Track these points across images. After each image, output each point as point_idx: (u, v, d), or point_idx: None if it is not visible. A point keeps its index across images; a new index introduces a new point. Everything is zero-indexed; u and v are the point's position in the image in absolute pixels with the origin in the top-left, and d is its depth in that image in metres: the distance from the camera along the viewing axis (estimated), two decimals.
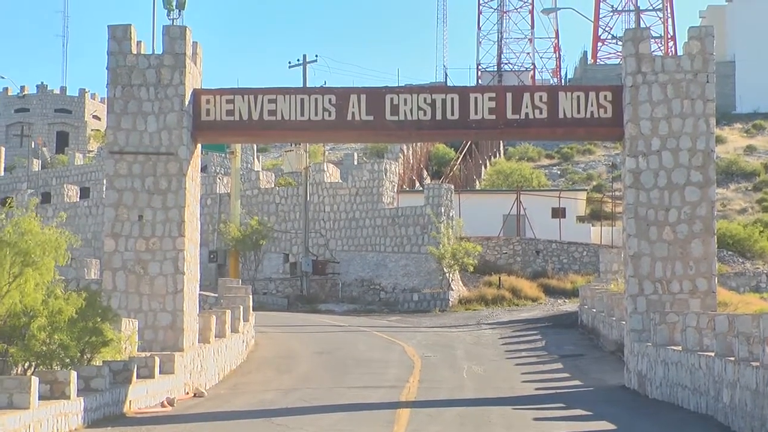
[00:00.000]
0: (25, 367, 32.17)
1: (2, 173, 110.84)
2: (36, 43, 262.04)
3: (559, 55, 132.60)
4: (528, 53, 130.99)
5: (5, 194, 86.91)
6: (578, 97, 42.95)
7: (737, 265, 72.67)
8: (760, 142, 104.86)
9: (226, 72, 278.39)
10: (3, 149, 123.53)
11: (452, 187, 78.62)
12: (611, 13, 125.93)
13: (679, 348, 34.37)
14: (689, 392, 32.16)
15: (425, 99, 43.32)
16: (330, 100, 43.25)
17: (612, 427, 28.23)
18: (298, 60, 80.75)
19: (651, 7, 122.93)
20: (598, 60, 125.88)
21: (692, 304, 38.37)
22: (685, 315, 35.23)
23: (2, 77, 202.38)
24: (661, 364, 36.25)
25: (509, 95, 43.78)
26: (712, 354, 29.99)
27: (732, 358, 27.61)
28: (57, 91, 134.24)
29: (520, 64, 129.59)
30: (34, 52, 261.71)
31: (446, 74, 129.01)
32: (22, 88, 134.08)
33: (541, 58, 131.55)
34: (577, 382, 41.60)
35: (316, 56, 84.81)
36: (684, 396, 32.67)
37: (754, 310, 38.74)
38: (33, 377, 27.46)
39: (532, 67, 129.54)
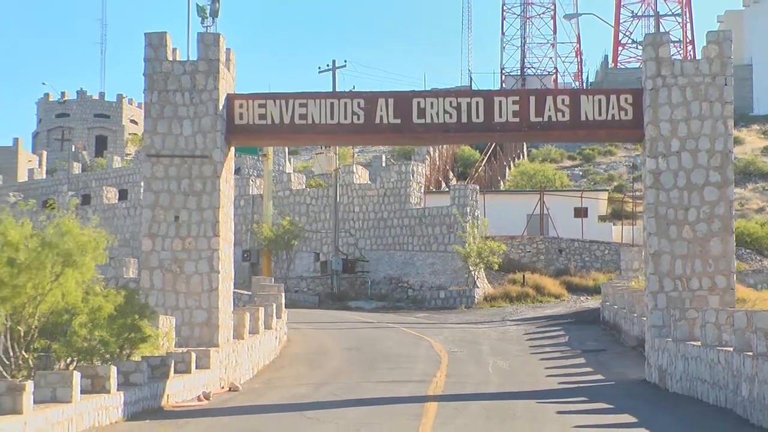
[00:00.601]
0: (68, 362, 32.25)
1: (44, 176, 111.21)
2: (75, 50, 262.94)
3: (581, 59, 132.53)
4: (550, 57, 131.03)
5: (47, 196, 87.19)
6: (599, 100, 42.91)
7: (755, 262, 72.52)
8: None
9: (258, 77, 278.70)
10: (45, 153, 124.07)
11: (477, 187, 78.55)
12: (631, 18, 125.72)
13: (699, 343, 34.31)
14: (708, 386, 32.08)
15: (451, 103, 43.30)
16: (359, 104, 43.25)
17: (633, 420, 28.14)
18: (328, 65, 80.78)
19: (670, 12, 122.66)
20: (618, 64, 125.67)
21: (711, 301, 38.26)
22: (705, 311, 35.19)
23: (43, 83, 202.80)
24: (681, 358, 36.18)
25: (532, 99, 43.74)
26: (731, 349, 29.92)
27: (750, 353, 27.54)
28: (96, 97, 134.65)
29: (542, 68, 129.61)
30: (74, 60, 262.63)
31: (471, 78, 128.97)
32: (63, 94, 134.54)
33: (563, 62, 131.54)
34: (599, 377, 41.53)
35: (345, 62, 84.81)
36: (703, 390, 32.59)
37: None
38: (75, 372, 27.57)
39: (554, 71, 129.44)
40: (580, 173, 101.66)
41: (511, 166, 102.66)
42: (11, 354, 31.15)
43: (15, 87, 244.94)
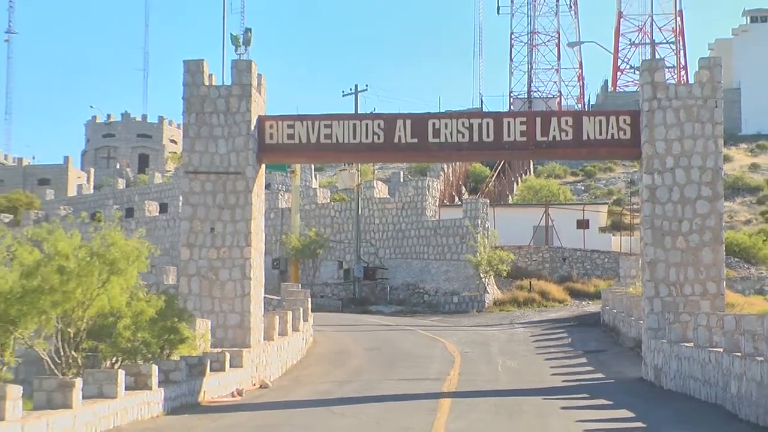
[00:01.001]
0: (113, 361, 32.31)
1: (92, 191, 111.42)
2: (120, 76, 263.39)
3: (583, 83, 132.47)
4: (555, 82, 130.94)
5: (94, 209, 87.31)
6: (600, 121, 42.96)
7: (743, 270, 72.44)
8: (763, 160, 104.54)
9: (286, 99, 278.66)
10: (92, 170, 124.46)
11: (488, 201, 78.56)
12: (629, 46, 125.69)
13: (691, 344, 34.31)
14: (700, 384, 32.07)
15: (463, 123, 43.37)
16: (379, 125, 43.33)
17: (631, 414, 28.14)
18: (351, 90, 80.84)
19: (665, 40, 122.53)
20: (617, 88, 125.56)
21: (703, 306, 38.28)
22: (697, 315, 35.25)
23: (91, 107, 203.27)
24: (675, 358, 36.17)
25: (538, 120, 43.80)
26: (721, 350, 29.93)
27: (739, 354, 27.55)
28: (139, 119, 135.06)
29: (547, 92, 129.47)
30: (119, 85, 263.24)
31: (482, 101, 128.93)
32: (108, 116, 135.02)
33: (566, 86, 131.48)
34: (599, 375, 41.49)
35: (366, 86, 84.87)
36: (696, 387, 32.57)
37: (758, 310, 38.61)
38: (120, 370, 27.67)
39: (558, 94, 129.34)
40: (582, 188, 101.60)
41: (519, 181, 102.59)
42: (62, 353, 31.23)
43: (65, 109, 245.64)
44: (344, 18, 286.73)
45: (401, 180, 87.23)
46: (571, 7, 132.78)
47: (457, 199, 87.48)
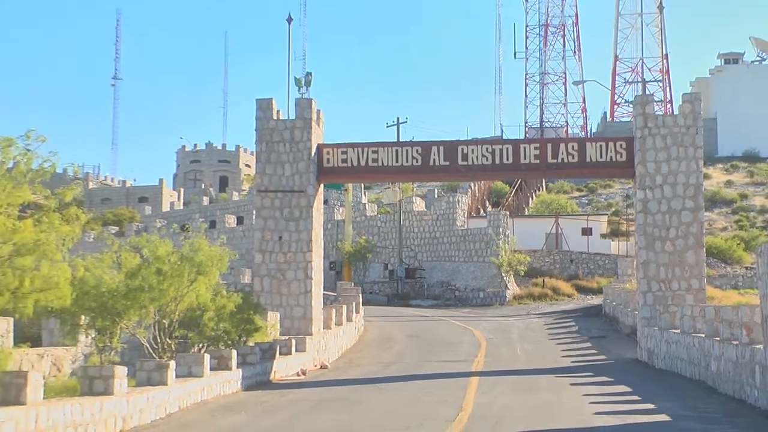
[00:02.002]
0: (200, 347, 32.38)
1: (182, 207, 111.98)
2: (204, 112, 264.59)
3: (586, 115, 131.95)
4: (562, 114, 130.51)
5: (184, 222, 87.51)
6: (600, 146, 42.94)
7: (721, 269, 72.11)
8: (736, 177, 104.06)
9: (341, 128, 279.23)
10: (182, 190, 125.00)
11: (507, 213, 78.42)
12: (624, 84, 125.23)
13: (678, 331, 34.28)
14: (686, 363, 31.97)
15: (487, 149, 43.41)
16: (417, 150, 43.38)
17: (628, 389, 27.98)
18: (394, 121, 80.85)
19: (654, 79, 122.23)
20: (614, 118, 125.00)
21: (687, 299, 38.09)
22: (682, 307, 35.29)
23: (180, 138, 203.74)
24: (665, 342, 36.10)
25: (549, 145, 43.81)
26: (703, 335, 29.89)
27: (718, 339, 27.52)
28: (219, 147, 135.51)
29: (556, 122, 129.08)
30: (203, 119, 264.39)
31: (502, 130, 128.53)
32: (195, 145, 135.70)
33: (572, 117, 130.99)
34: (602, 357, 41.29)
35: (406, 118, 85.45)
36: (682, 366, 32.46)
37: (733, 302, 38.38)
38: (205, 354, 27.79)
39: (565, 124, 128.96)
40: (586, 201, 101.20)
41: (533, 196, 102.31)
42: (158, 340, 31.32)
43: (160, 140, 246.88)
44: (389, 61, 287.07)
45: (436, 196, 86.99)
46: (575, 52, 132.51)
47: (482, 211, 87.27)
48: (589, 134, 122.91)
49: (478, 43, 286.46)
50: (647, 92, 77.72)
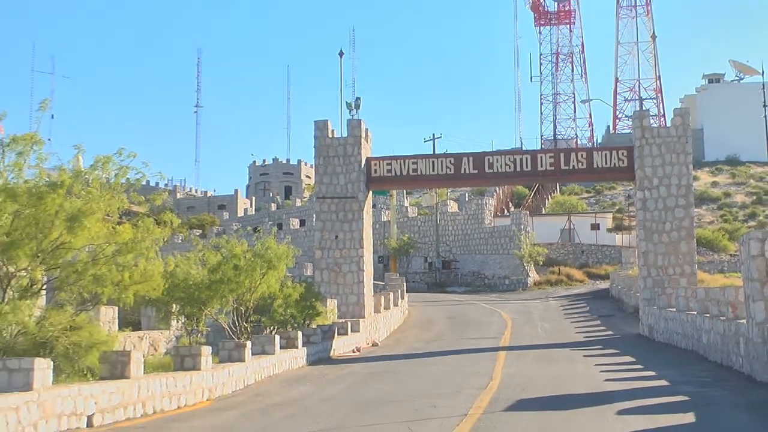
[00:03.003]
0: (271, 329, 32.47)
1: (254, 212, 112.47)
2: (271, 132, 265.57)
3: (592, 128, 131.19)
4: (572, 128, 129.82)
5: (255, 225, 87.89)
6: (605, 154, 42.88)
7: (709, 256, 71.67)
8: (720, 179, 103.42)
9: (386, 143, 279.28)
10: (254, 198, 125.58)
11: (527, 212, 78.20)
12: (624, 102, 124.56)
13: (674, 309, 34.13)
14: (681, 337, 31.80)
15: (509, 158, 43.41)
16: (450, 161, 43.41)
17: (632, 359, 27.90)
18: (430, 137, 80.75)
19: (649, 97, 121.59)
20: (617, 131, 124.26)
21: (681, 282, 37.99)
22: (677, 289, 35.27)
23: (252, 154, 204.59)
24: (663, 319, 35.91)
25: (562, 155, 43.76)
26: (695, 313, 29.73)
27: (708, 315, 27.41)
28: (284, 162, 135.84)
29: (567, 135, 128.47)
30: (270, 138, 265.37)
31: (521, 142, 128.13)
32: (264, 160, 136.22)
33: (580, 130, 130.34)
34: (609, 332, 41.10)
35: (441, 134, 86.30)
36: (678, 339, 32.28)
37: (720, 284, 38.17)
38: (276, 335, 27.92)
39: (575, 136, 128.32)
40: (594, 201, 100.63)
41: (549, 198, 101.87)
42: (236, 324, 31.45)
43: (234, 156, 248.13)
44: (425, 86, 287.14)
45: (467, 199, 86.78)
46: (582, 75, 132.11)
47: (506, 211, 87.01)
48: (595, 145, 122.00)
49: (500, 70, 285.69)
50: (644, 108, 77.22)
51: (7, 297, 18.40)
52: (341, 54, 60.86)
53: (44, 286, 20.12)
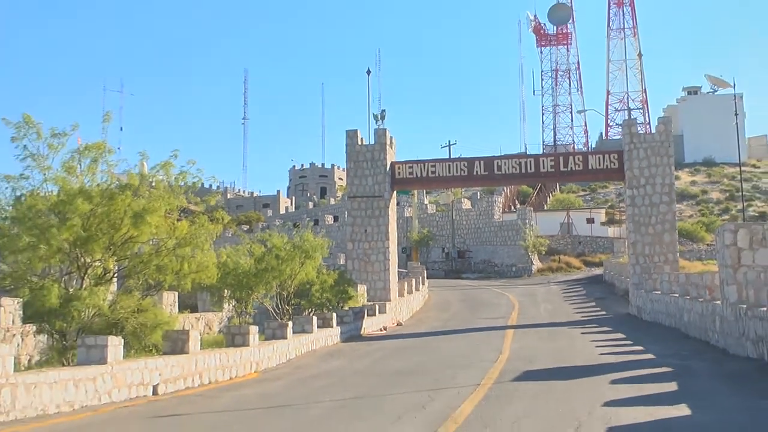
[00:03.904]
0: (309, 311, 32.62)
1: (294, 210, 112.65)
2: (308, 140, 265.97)
3: (587, 135, 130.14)
4: (570, 135, 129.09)
5: (295, 221, 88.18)
6: (599, 157, 42.80)
7: (689, 245, 71.19)
8: (698, 178, 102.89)
9: (408, 149, 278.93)
10: (294, 198, 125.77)
11: (532, 208, 78.11)
12: (615, 111, 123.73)
13: (659, 292, 34.00)
14: (665, 316, 31.68)
15: (515, 162, 43.35)
16: (464, 164, 43.37)
17: (623, 336, 27.79)
18: (447, 143, 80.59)
19: (636, 107, 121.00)
20: (609, 137, 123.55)
21: (665, 268, 37.76)
22: (662, 274, 35.09)
23: (291, 160, 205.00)
24: (649, 301, 35.78)
25: (561, 158, 43.65)
26: (677, 295, 29.65)
27: (688, 297, 27.39)
28: (320, 166, 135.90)
29: (565, 141, 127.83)
30: (308, 145, 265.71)
31: (526, 147, 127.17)
32: (302, 165, 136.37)
33: (577, 137, 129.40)
34: (603, 312, 40.97)
35: (456, 141, 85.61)
36: (662, 318, 32.16)
37: (698, 270, 37.95)
38: (313, 316, 28.00)
39: (572, 142, 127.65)
40: (590, 198, 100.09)
41: (550, 196, 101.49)
42: (279, 307, 31.63)
43: (276, 161, 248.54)
44: (442, 98, 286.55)
45: (478, 197, 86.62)
46: (578, 89, 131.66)
47: (512, 207, 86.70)
48: (589, 149, 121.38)
49: (507, 85, 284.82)
50: (632, 117, 77.05)
51: (84, 284, 18.60)
52: (369, 72, 60.98)
53: (115, 275, 20.33)
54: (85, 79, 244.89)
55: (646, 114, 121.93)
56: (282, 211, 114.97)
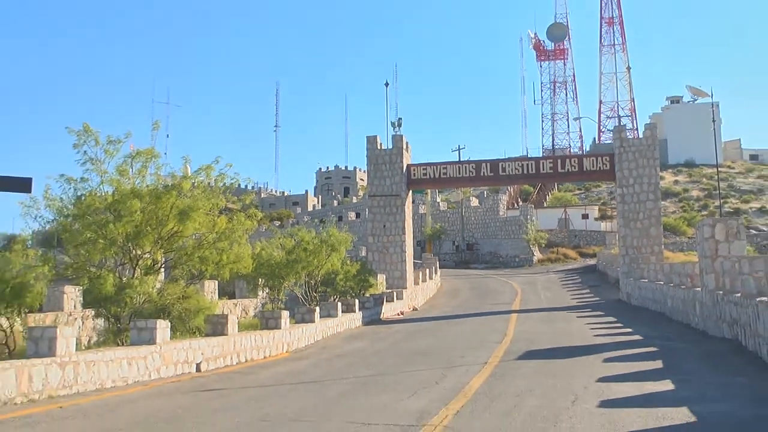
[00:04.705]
0: (334, 297, 32.70)
1: (320, 207, 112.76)
2: (332, 144, 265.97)
3: (582, 140, 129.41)
4: (566, 140, 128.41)
5: (321, 218, 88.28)
6: (593, 160, 42.62)
7: (672, 238, 70.72)
8: (680, 178, 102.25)
9: (422, 152, 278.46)
10: (320, 197, 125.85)
11: (532, 206, 78.00)
12: (606, 119, 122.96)
13: (646, 280, 33.95)
14: (651, 302, 31.59)
15: (518, 164, 43.25)
16: (472, 166, 43.32)
17: (614, 319, 27.71)
18: (457, 147, 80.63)
19: (625, 115, 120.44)
20: (601, 141, 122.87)
21: (651, 259, 37.78)
22: (648, 264, 35.16)
23: (318, 163, 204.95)
24: (638, 288, 35.66)
25: (559, 160, 43.53)
26: (662, 283, 29.58)
27: (672, 284, 27.31)
28: (343, 168, 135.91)
29: (563, 145, 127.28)
30: (332, 149, 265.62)
31: (527, 151, 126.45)
32: (327, 167, 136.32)
33: (573, 141, 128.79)
34: (597, 298, 40.87)
35: (465, 145, 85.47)
36: (649, 304, 32.07)
37: (681, 260, 37.81)
38: (338, 302, 28.09)
39: (569, 146, 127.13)
40: (584, 196, 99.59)
41: (549, 194, 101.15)
42: (308, 294, 31.72)
43: (304, 164, 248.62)
44: (452, 107, 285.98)
45: (485, 196, 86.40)
46: (574, 99, 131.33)
47: (516, 205, 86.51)
48: (584, 152, 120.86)
49: (510, 95, 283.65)
50: (621, 124, 76.73)
51: (136, 274, 18.76)
52: (387, 84, 60.78)
53: (163, 265, 20.49)
54: (136, 93, 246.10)
55: (634, 121, 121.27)
56: (309, 208, 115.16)
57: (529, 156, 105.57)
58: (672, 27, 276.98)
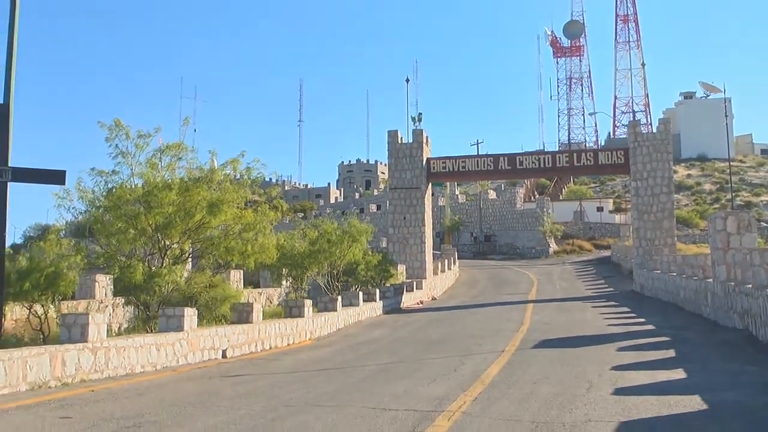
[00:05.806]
0: (356, 287, 32.72)
1: (342, 200, 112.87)
2: (355, 139, 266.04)
3: (597, 134, 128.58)
4: (582, 134, 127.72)
5: (344, 210, 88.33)
6: (608, 153, 42.41)
7: (685, 230, 70.32)
8: (693, 171, 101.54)
9: (442, 146, 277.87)
10: (342, 189, 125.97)
11: (549, 198, 77.65)
12: (621, 114, 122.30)
13: (659, 271, 33.70)
14: (664, 292, 31.38)
15: (535, 158, 43.10)
16: (490, 160, 43.20)
17: (628, 310, 27.60)
18: (475, 141, 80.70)
19: (640, 110, 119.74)
20: (616, 136, 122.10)
21: (664, 251, 37.60)
22: (662, 256, 34.86)
23: (341, 157, 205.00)
24: (651, 279, 35.44)
25: (575, 154, 43.39)
26: (675, 274, 29.42)
27: (684, 276, 27.13)
28: (365, 161, 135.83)
29: (578, 140, 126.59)
30: (354, 143, 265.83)
31: (544, 145, 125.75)
32: (349, 161, 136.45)
33: (588, 136, 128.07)
34: (611, 289, 40.68)
35: (483, 140, 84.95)
36: (662, 294, 31.87)
37: (693, 252, 37.54)
38: (359, 292, 28.15)
39: (584, 140, 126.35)
40: (599, 189, 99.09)
41: (565, 187, 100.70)
42: (330, 284, 31.76)
43: (327, 157, 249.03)
44: (471, 102, 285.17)
45: (503, 188, 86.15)
46: (589, 94, 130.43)
47: (532, 197, 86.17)
48: (599, 147, 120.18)
49: (528, 91, 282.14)
50: (636, 119, 76.20)
51: (164, 263, 18.86)
52: (407, 80, 60.71)
53: (190, 255, 20.58)
54: (165, 89, 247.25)
55: (648, 116, 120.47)
56: (332, 201, 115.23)
57: (545, 150, 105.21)
58: (685, 24, 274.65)
